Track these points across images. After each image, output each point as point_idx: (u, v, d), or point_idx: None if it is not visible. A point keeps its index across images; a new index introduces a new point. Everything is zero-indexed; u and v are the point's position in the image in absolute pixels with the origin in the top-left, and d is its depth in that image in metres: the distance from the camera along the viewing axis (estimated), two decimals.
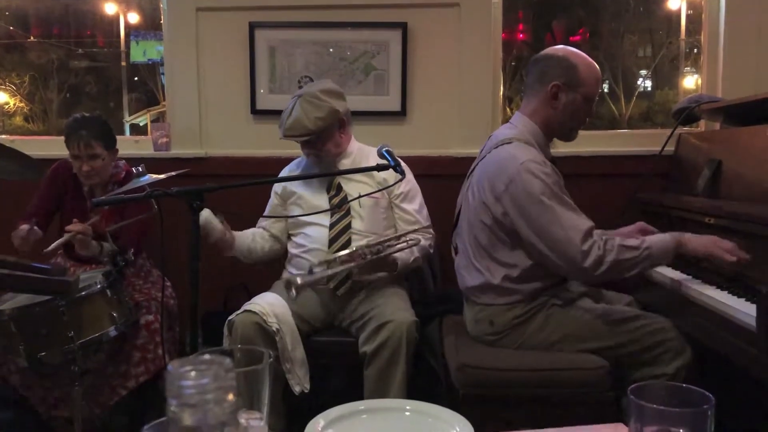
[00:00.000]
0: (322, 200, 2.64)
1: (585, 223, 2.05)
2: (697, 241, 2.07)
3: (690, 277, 2.19)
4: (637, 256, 2.02)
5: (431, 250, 2.67)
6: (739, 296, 1.91)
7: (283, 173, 2.80)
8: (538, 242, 2.08)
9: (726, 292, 1.98)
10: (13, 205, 2.77)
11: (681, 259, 2.19)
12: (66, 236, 2.44)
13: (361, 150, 2.73)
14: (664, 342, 2.09)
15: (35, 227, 2.53)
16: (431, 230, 2.68)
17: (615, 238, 2.05)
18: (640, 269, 2.06)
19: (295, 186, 2.70)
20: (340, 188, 2.64)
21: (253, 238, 2.70)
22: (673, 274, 2.26)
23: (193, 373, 0.48)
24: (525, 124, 2.26)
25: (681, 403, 0.79)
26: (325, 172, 2.64)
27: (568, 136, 2.33)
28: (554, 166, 2.20)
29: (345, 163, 2.67)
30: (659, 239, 2.08)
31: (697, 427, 0.78)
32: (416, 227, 2.61)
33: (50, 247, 2.43)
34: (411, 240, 2.50)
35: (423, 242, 2.59)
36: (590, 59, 2.26)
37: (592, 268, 2.00)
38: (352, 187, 2.63)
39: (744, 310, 1.80)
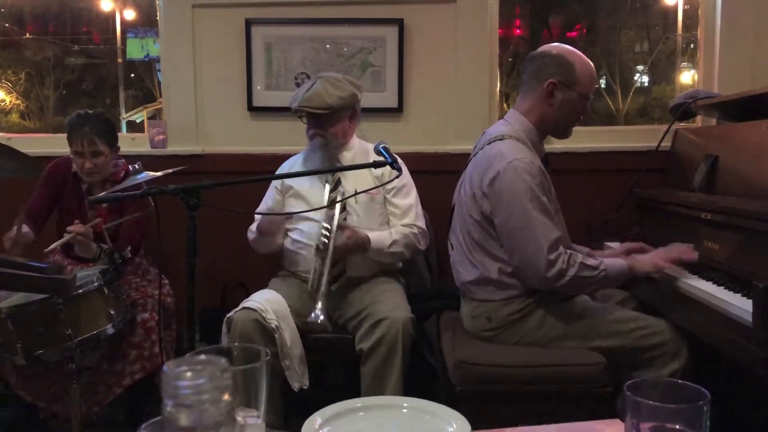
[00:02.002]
0: (319, 194, 2.64)
1: (555, 232, 2.08)
2: (645, 264, 2.18)
3: (687, 272, 2.20)
4: (594, 276, 2.09)
5: (419, 246, 2.65)
6: (735, 291, 1.92)
7: (283, 168, 2.80)
8: (509, 241, 2.13)
9: (722, 287, 1.98)
10: (10, 202, 2.76)
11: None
12: (66, 237, 2.44)
13: (361, 145, 2.74)
14: (660, 345, 2.10)
15: (27, 230, 2.54)
16: (420, 225, 2.66)
17: (578, 254, 2.10)
18: (593, 288, 2.23)
19: (293, 179, 2.70)
20: (339, 183, 2.64)
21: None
22: (670, 270, 2.26)
23: (188, 374, 0.48)
24: (519, 121, 2.26)
25: (677, 399, 0.80)
26: (322, 167, 2.64)
27: (563, 134, 2.34)
28: (545, 164, 2.22)
29: (346, 156, 2.68)
30: (616, 264, 2.15)
31: (693, 423, 0.78)
32: (409, 219, 2.63)
33: (50, 247, 2.43)
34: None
35: (406, 231, 2.60)
36: (585, 57, 2.27)
37: (553, 279, 2.06)
38: (351, 182, 2.63)
39: (740, 305, 1.80)
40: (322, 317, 2.31)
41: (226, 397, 0.49)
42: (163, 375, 0.48)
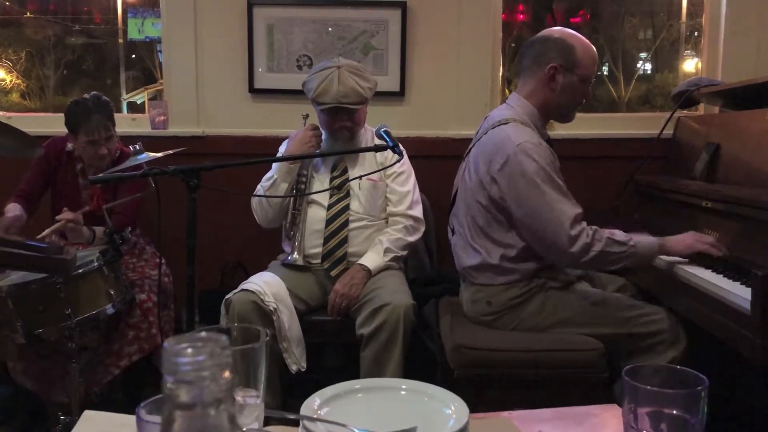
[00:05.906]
0: (323, 179, 2.64)
1: (574, 209, 2.07)
2: (680, 245, 2.15)
3: (686, 260, 2.20)
4: (623, 252, 2.07)
5: (411, 239, 2.62)
6: (734, 280, 1.92)
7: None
8: (528, 224, 2.10)
9: (721, 275, 1.99)
10: (9, 181, 2.76)
11: None
12: (57, 225, 2.43)
13: (367, 130, 2.72)
14: (658, 332, 2.11)
15: (21, 213, 2.54)
16: (414, 214, 2.64)
17: (604, 230, 2.08)
18: (622, 265, 2.12)
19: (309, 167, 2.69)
20: (345, 170, 2.63)
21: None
22: (669, 257, 2.26)
23: (189, 350, 0.48)
24: (522, 105, 2.25)
25: (675, 384, 0.80)
26: (327, 151, 2.63)
27: (566, 118, 2.33)
28: (550, 147, 2.21)
29: (358, 142, 2.68)
30: (646, 241, 2.14)
31: (690, 409, 0.78)
32: (403, 207, 2.62)
33: (41, 235, 2.41)
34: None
35: (394, 235, 2.58)
36: (586, 40, 2.25)
37: (578, 255, 2.04)
38: (358, 169, 2.62)
39: (739, 293, 1.81)
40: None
41: (226, 374, 0.49)
42: (163, 351, 0.48)
